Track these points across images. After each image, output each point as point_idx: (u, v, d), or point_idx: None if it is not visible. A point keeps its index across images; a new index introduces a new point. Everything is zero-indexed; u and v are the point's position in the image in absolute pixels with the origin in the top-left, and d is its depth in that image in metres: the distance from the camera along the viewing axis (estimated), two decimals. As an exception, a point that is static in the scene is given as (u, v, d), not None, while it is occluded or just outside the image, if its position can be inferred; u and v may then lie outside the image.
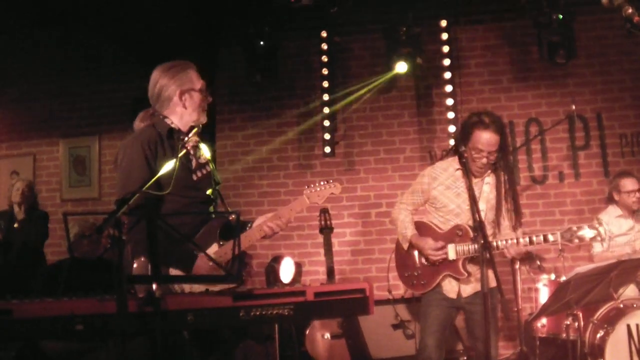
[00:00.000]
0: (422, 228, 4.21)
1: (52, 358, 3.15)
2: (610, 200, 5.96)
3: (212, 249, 3.07)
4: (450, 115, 6.68)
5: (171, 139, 3.18)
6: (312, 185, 3.44)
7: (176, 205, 3.07)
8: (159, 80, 3.25)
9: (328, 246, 6.24)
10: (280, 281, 6.60)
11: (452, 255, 4.01)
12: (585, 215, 6.72)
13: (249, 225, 3.24)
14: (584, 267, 4.26)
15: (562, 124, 6.79)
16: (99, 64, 7.54)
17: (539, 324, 5.68)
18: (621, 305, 4.99)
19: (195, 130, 3.18)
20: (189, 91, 3.24)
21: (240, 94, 7.52)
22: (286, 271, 6.83)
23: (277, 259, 6.89)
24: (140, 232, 2.62)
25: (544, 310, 4.45)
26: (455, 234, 4.03)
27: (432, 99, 7.25)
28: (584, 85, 6.98)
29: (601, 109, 6.95)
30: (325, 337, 5.84)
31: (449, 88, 6.72)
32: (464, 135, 4.03)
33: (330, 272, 6.20)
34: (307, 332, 5.88)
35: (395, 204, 4.43)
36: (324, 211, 6.13)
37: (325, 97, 6.98)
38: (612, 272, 4.20)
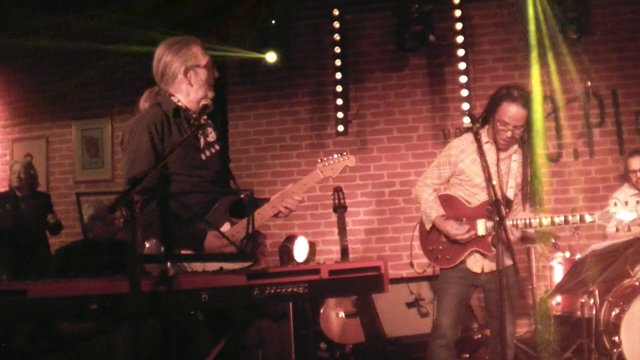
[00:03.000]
0: (450, 202, 4.13)
1: (66, 338, 3.16)
2: (624, 178, 5.91)
3: (224, 228, 3.05)
4: (464, 93, 6.61)
5: (177, 118, 3.12)
6: (325, 159, 3.34)
7: (184, 185, 3.04)
8: (163, 57, 3.18)
9: (342, 225, 6.22)
10: (295, 260, 6.61)
11: (481, 231, 3.96)
12: (599, 193, 6.67)
13: (263, 203, 3.21)
14: (599, 244, 4.23)
15: (576, 102, 6.72)
16: (110, 44, 7.51)
17: (553, 302, 5.66)
18: (637, 283, 4.96)
19: (206, 109, 3.09)
20: (193, 68, 3.17)
21: (252, 74, 7.49)
22: (300, 250, 6.84)
23: (290, 239, 6.90)
24: (150, 214, 2.61)
25: (560, 288, 4.43)
26: (485, 210, 3.92)
27: (444, 77, 7.18)
28: (599, 62, 6.88)
29: (616, 86, 6.85)
30: (340, 315, 5.85)
31: (462, 65, 6.64)
32: (492, 107, 3.97)
33: (344, 251, 6.20)
34: (322, 311, 5.91)
35: (417, 181, 4.36)
36: (338, 190, 6.11)
37: (338, 75, 6.93)
38: (629, 249, 4.16)
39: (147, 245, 2.80)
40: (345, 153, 3.35)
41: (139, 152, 2.99)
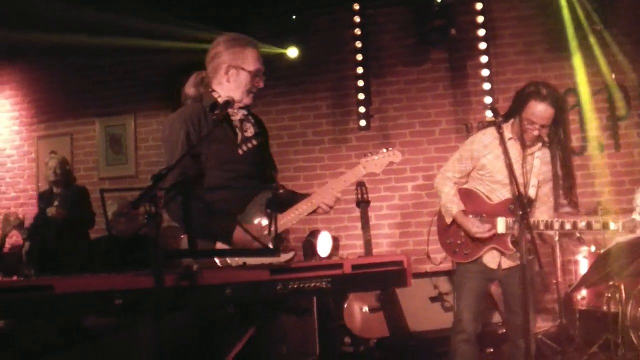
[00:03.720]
0: (470, 196, 4.09)
1: (92, 333, 3.20)
2: None
3: (259, 224, 3.07)
4: (486, 86, 6.57)
5: (214, 113, 3.11)
6: (370, 155, 3.26)
7: (218, 180, 3.06)
8: (217, 47, 3.23)
9: (365, 220, 6.23)
10: (318, 256, 6.63)
11: (501, 229, 3.92)
12: (625, 186, 6.60)
13: (303, 199, 3.18)
14: (624, 237, 4.17)
15: (601, 94, 6.64)
16: (133, 41, 7.57)
17: (579, 297, 5.62)
18: (665, 277, 4.90)
19: (228, 105, 3.08)
20: (238, 68, 3.18)
21: (273, 70, 7.49)
22: (324, 246, 6.86)
23: (314, 234, 6.92)
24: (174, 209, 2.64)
25: (584, 282, 4.38)
26: (507, 208, 3.91)
27: (466, 71, 7.14)
28: (624, 54, 6.77)
29: (641, 78, 6.77)
30: (364, 310, 5.85)
31: (484, 59, 6.60)
32: (519, 104, 3.91)
33: (368, 246, 6.21)
34: (346, 305, 5.91)
35: (437, 174, 4.34)
36: (361, 185, 6.11)
37: (359, 70, 6.92)
38: (655, 243, 4.11)
39: (183, 238, 2.85)
40: (391, 149, 3.29)
41: (176, 146, 3.03)
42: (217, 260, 2.92)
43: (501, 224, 3.93)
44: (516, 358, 4.02)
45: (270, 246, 2.55)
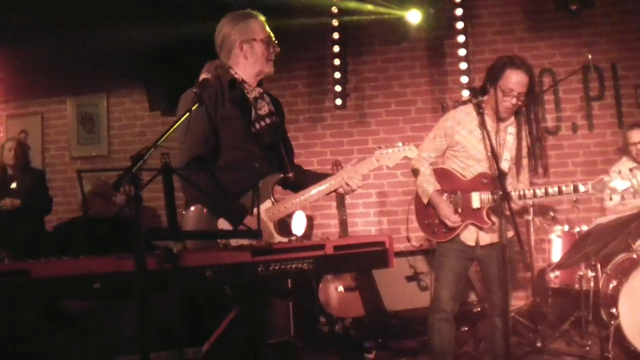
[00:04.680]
0: (445, 175, 4.11)
1: (74, 316, 3.16)
2: (623, 151, 5.90)
3: (265, 206, 3.06)
4: (463, 66, 6.56)
5: (233, 90, 3.12)
6: (384, 147, 3.24)
7: (231, 158, 3.07)
8: (222, 30, 3.22)
9: (341, 199, 6.24)
10: (293, 235, 6.61)
11: (476, 204, 3.93)
12: (598, 166, 6.67)
13: (311, 177, 3.23)
14: (604, 218, 4.23)
15: (576, 75, 6.68)
16: (107, 19, 7.43)
17: (552, 275, 5.69)
18: (634, 256, 4.98)
19: (235, 83, 3.09)
20: (249, 41, 3.17)
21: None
22: (298, 225, 6.82)
23: (289, 213, 6.89)
24: (195, 187, 2.66)
25: (564, 262, 4.43)
26: (480, 182, 3.93)
27: (443, 50, 7.13)
28: (599, 35, 6.83)
29: (616, 59, 6.82)
30: (339, 289, 5.87)
31: (461, 38, 6.57)
32: (494, 76, 3.92)
33: (343, 225, 6.21)
34: (321, 285, 5.92)
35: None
36: (337, 164, 6.10)
37: (336, 48, 6.87)
38: (633, 222, 4.16)
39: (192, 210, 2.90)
40: (407, 143, 3.25)
41: (193, 123, 2.96)
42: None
43: (475, 199, 3.95)
44: (493, 336, 4.06)
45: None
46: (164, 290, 2.44)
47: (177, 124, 2.72)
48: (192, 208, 2.99)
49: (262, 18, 3.27)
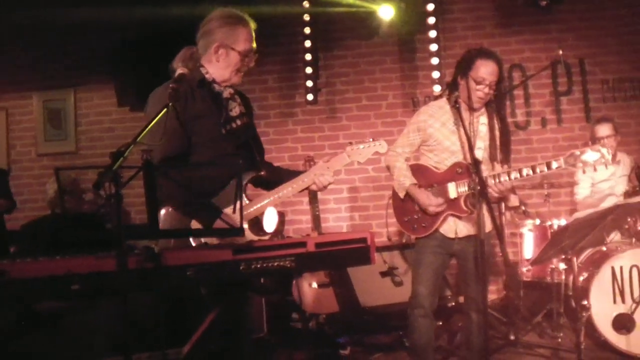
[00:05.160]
0: (420, 170, 4.11)
1: (48, 318, 3.08)
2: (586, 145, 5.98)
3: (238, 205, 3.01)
4: (434, 61, 6.56)
5: (202, 89, 3.07)
6: (355, 143, 3.24)
7: (203, 157, 3.00)
8: (210, 22, 3.13)
9: (314, 195, 6.21)
10: (264, 231, 6.56)
11: (453, 194, 3.94)
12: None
13: (284, 174, 3.18)
14: (582, 212, 4.28)
15: (545, 70, 6.75)
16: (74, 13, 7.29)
17: (524, 269, 5.75)
18: (604, 249, 5.06)
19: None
20: (227, 47, 3.09)
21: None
22: (269, 221, 6.78)
23: (263, 211, 6.84)
24: (170, 185, 2.59)
25: (542, 256, 4.48)
26: (454, 172, 3.93)
27: (414, 45, 7.16)
28: (568, 31, 6.94)
29: (584, 55, 6.93)
30: (313, 285, 5.84)
31: (432, 33, 6.58)
32: (465, 67, 3.95)
33: (316, 221, 6.19)
34: (294, 281, 5.89)
35: (388, 151, 4.32)
36: (309, 160, 6.08)
37: (307, 43, 6.83)
38: (608, 216, 4.22)
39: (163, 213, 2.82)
40: (378, 139, 3.26)
41: (160, 121, 2.91)
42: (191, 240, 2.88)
43: (452, 189, 3.95)
44: (469, 330, 4.08)
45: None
46: (145, 290, 2.39)
47: (155, 120, 2.66)
48: (164, 209, 2.93)
49: (254, 27, 3.19)
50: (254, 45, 3.18)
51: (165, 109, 2.67)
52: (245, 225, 3.10)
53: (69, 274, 2.30)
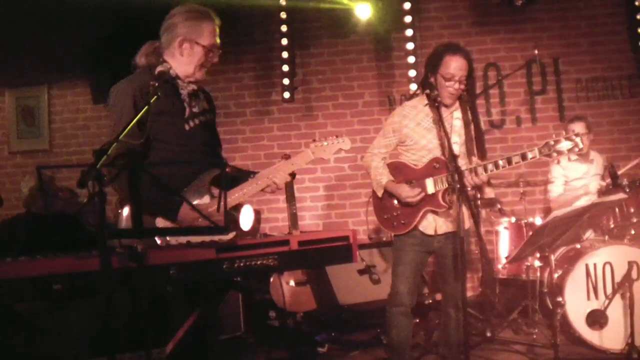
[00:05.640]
0: (397, 167, 4.13)
1: (25, 319, 3.04)
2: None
3: (204, 201, 2.99)
4: (411, 59, 6.60)
5: (166, 84, 3.01)
6: (319, 139, 3.29)
7: (166, 154, 2.97)
8: (173, 17, 3.11)
9: (291, 193, 6.19)
10: (240, 229, 6.53)
11: (430, 189, 3.96)
12: (541, 159, 6.79)
13: (251, 176, 3.15)
14: (561, 210, 4.34)
15: (520, 69, 6.82)
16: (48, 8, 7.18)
17: (499, 266, 5.81)
18: (578, 246, 5.13)
19: (163, 75, 2.97)
20: (191, 42, 3.08)
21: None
22: (246, 219, 6.75)
23: (236, 207, 6.80)
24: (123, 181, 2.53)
25: (521, 254, 4.53)
26: (432, 168, 3.96)
27: (391, 44, 7.18)
28: (543, 31, 7.02)
29: (558, 54, 7.01)
30: (290, 284, 5.84)
31: (409, 32, 6.62)
32: (434, 64, 3.98)
33: (293, 219, 6.18)
34: (272, 279, 5.87)
35: (365, 152, 4.35)
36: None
37: (284, 41, 6.82)
38: (585, 214, 4.27)
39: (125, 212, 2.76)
40: (341, 135, 3.30)
41: (123, 116, 2.89)
42: (157, 239, 2.82)
43: (430, 184, 3.97)
44: (447, 326, 4.11)
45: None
46: (127, 290, 2.37)
47: (137, 118, 2.64)
48: (127, 207, 2.86)
49: (218, 22, 3.17)
50: (218, 40, 3.16)
51: (147, 107, 2.65)
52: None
53: (50, 275, 2.27)
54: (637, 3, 6.70)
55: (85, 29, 6.72)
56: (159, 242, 2.78)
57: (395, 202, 4.08)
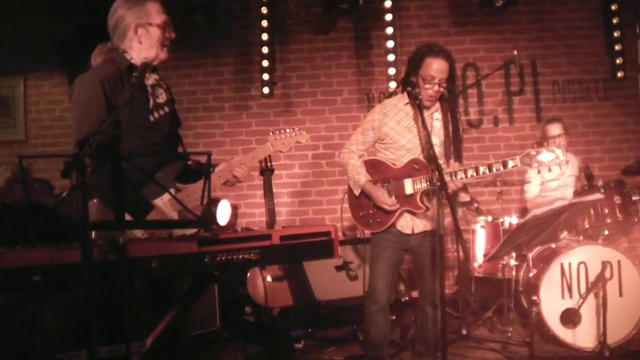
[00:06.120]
0: (376, 166, 4.12)
1: (3, 310, 2.99)
2: (541, 144, 6.10)
3: (168, 195, 2.95)
4: (390, 57, 6.62)
5: (130, 75, 2.97)
6: (277, 132, 3.33)
7: (132, 146, 2.91)
8: (117, 11, 3.06)
9: (269, 188, 6.15)
10: (217, 224, 6.49)
11: (409, 190, 3.96)
12: (519, 159, 6.89)
13: (211, 170, 3.13)
14: (540, 210, 4.38)
15: (498, 70, 6.87)
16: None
17: (475, 265, 5.86)
18: (553, 246, 5.20)
19: (147, 67, 2.96)
20: (145, 25, 3.04)
21: (176, 33, 7.23)
22: (222, 214, 6.73)
23: (213, 202, 6.76)
24: (103, 176, 2.48)
25: (499, 252, 4.56)
26: (411, 169, 3.96)
27: (371, 41, 7.20)
28: (521, 32, 7.10)
29: (536, 56, 7.09)
30: (267, 279, 5.82)
31: (389, 30, 6.64)
32: (415, 65, 3.97)
33: (271, 215, 6.15)
34: (248, 275, 5.85)
35: (343, 148, 4.32)
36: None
37: (264, 36, 6.79)
38: (563, 214, 4.32)
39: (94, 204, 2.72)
40: (298, 128, 3.38)
41: (92, 107, 2.84)
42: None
43: (408, 185, 3.97)
44: (424, 324, 4.13)
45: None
46: (107, 283, 2.35)
47: (118, 109, 2.62)
48: (93, 200, 2.83)
49: (159, 1, 3.15)
50: (168, 17, 3.14)
51: (130, 97, 2.63)
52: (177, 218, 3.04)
53: (29, 266, 2.24)
54: (613, 7, 6.81)
55: (62, 19, 6.64)
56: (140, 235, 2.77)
57: (372, 201, 4.08)
